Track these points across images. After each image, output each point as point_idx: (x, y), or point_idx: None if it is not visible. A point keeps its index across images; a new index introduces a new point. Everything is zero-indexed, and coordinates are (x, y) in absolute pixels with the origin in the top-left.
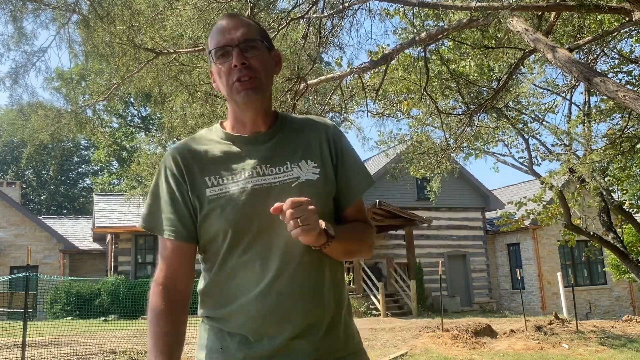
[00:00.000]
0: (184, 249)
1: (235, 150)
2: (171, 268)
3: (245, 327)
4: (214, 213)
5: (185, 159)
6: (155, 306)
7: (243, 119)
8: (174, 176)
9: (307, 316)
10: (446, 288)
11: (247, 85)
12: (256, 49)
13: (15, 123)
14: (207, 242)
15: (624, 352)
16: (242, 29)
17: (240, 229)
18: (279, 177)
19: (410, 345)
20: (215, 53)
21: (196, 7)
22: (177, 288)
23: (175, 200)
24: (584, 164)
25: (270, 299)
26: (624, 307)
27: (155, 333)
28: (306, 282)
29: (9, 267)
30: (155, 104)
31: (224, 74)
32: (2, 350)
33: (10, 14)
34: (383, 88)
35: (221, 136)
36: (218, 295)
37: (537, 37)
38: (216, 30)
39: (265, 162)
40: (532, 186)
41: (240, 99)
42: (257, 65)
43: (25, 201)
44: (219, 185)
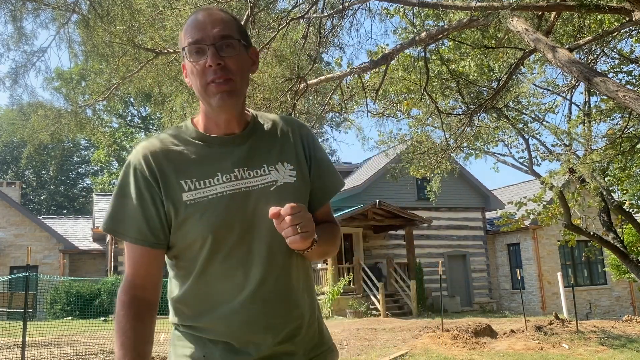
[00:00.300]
0: (152, 255)
1: (210, 152)
2: (139, 275)
3: (229, 335)
4: (192, 219)
5: (158, 160)
6: (124, 315)
7: (217, 121)
8: (144, 178)
9: (290, 320)
10: (446, 288)
11: (222, 87)
12: (232, 48)
13: (15, 123)
14: (183, 249)
15: (624, 352)
16: (219, 26)
17: (221, 236)
18: (257, 180)
19: (410, 345)
20: (189, 50)
21: (196, 7)
22: (145, 295)
23: (145, 204)
24: (584, 164)
25: (255, 307)
26: (624, 307)
27: (123, 341)
28: (287, 288)
29: (8, 267)
30: (155, 104)
31: (198, 73)
32: (2, 350)
33: (10, 14)
34: (383, 88)
35: (193, 136)
36: (197, 304)
37: (537, 37)
38: (191, 24)
39: (242, 165)
40: (532, 186)
41: (215, 102)
42: (233, 67)
43: (25, 201)
44: (196, 190)
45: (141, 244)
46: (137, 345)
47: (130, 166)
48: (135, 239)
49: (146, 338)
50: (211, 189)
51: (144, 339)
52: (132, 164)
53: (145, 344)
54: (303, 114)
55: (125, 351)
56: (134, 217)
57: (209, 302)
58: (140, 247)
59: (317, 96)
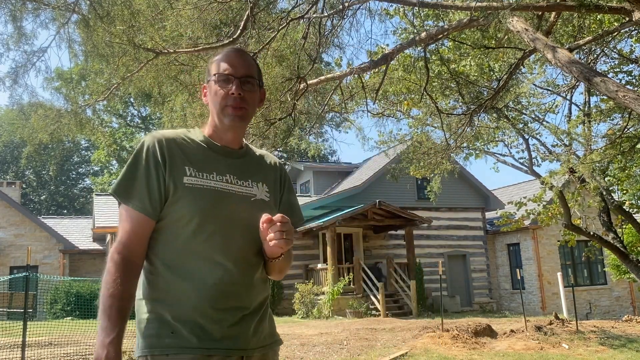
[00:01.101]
0: (147, 224)
1: (211, 154)
2: (132, 239)
3: (197, 310)
4: (187, 198)
5: (170, 146)
6: (114, 271)
7: (222, 136)
8: (154, 157)
9: (250, 305)
10: (446, 288)
11: (237, 112)
12: (251, 85)
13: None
14: (169, 223)
15: (624, 352)
16: (246, 66)
17: (207, 219)
18: (242, 189)
19: (410, 345)
20: (219, 77)
21: (196, 7)
22: (134, 259)
23: (151, 179)
24: (584, 164)
25: (226, 287)
26: (624, 307)
27: (110, 294)
28: (253, 279)
29: (9, 267)
30: (155, 104)
31: (220, 97)
32: (2, 350)
33: (10, 14)
34: (383, 88)
35: (200, 139)
36: (171, 277)
37: (537, 37)
38: (224, 57)
39: (234, 173)
40: (532, 186)
41: (228, 121)
42: (249, 99)
43: (25, 201)
44: (195, 177)
45: (142, 211)
46: (124, 298)
47: (144, 145)
48: (137, 206)
49: (131, 295)
50: (206, 181)
51: (129, 295)
52: (146, 144)
53: (130, 299)
54: (303, 114)
55: (114, 300)
56: (141, 188)
57: (185, 276)
58: (140, 215)
59: (317, 96)
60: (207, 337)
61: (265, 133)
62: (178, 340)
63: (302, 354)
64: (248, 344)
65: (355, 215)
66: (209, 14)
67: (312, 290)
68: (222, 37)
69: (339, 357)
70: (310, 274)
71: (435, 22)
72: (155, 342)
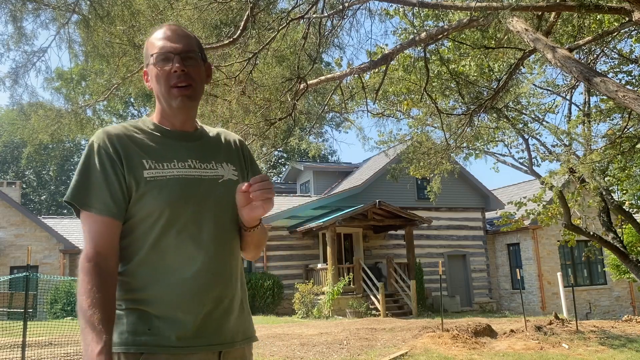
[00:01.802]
0: (114, 226)
1: (167, 142)
2: (102, 245)
3: (177, 305)
4: (151, 193)
5: (123, 141)
6: (88, 280)
7: (173, 120)
8: (108, 155)
9: (231, 295)
10: (446, 288)
11: (184, 92)
12: (194, 60)
13: (15, 123)
14: (138, 221)
15: (624, 352)
16: (184, 40)
17: (177, 211)
18: (207, 172)
19: (410, 345)
20: (157, 57)
21: (196, 7)
22: (108, 265)
23: (109, 179)
24: (584, 164)
25: (205, 279)
26: (624, 307)
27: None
28: (230, 267)
29: (9, 267)
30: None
31: (162, 78)
32: (2, 350)
33: (10, 14)
34: (383, 88)
35: (152, 128)
36: (148, 274)
37: (537, 37)
38: (158, 36)
39: (195, 157)
40: (532, 186)
41: (176, 104)
42: (194, 75)
43: (25, 201)
44: (155, 169)
45: (106, 214)
46: (105, 306)
47: (95, 145)
48: (100, 209)
49: (112, 302)
50: (168, 171)
51: (110, 303)
52: (96, 144)
53: (112, 307)
54: (303, 114)
55: (95, 310)
56: (99, 190)
57: (161, 272)
58: (104, 218)
59: (317, 96)
60: (186, 333)
61: (266, 133)
62: (155, 337)
63: (302, 354)
64: (228, 337)
65: (355, 215)
66: (209, 14)
67: (312, 290)
68: (222, 37)
69: (339, 357)
70: (310, 274)
71: (435, 22)
72: (131, 339)
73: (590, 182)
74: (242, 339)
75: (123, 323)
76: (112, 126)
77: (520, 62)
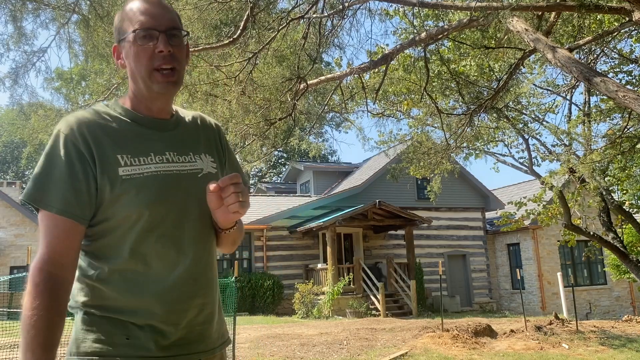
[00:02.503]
0: (75, 230)
1: (142, 131)
2: (58, 251)
3: (157, 315)
4: (128, 194)
5: (94, 132)
6: (36, 294)
7: (150, 105)
8: (77, 150)
9: (212, 301)
10: (446, 288)
11: (169, 77)
12: (178, 39)
13: (15, 123)
14: (113, 225)
15: (624, 352)
16: (168, 15)
17: (157, 213)
18: (186, 166)
19: (410, 345)
20: (140, 32)
21: (196, 7)
22: (62, 275)
23: (75, 176)
24: (584, 164)
25: (187, 286)
26: (624, 307)
27: (33, 323)
28: (210, 271)
29: (9, 267)
30: None
31: (144, 57)
32: (2, 350)
33: (10, 14)
34: (383, 88)
35: (124, 114)
36: (124, 282)
37: (537, 37)
38: (139, 10)
39: (172, 149)
40: (532, 186)
41: (158, 88)
42: (178, 56)
43: None
44: (132, 166)
45: (67, 216)
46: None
47: (61, 135)
48: (61, 210)
49: (59, 321)
50: (146, 167)
51: (57, 322)
52: (62, 133)
53: (58, 327)
54: (303, 114)
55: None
56: (62, 188)
57: (141, 281)
58: (65, 220)
59: (317, 96)
60: (166, 342)
61: (266, 133)
62: (134, 348)
63: (302, 354)
64: (209, 345)
65: (355, 215)
66: (209, 14)
67: (312, 290)
68: (222, 37)
69: (339, 357)
70: (310, 274)
71: (435, 22)
72: (106, 350)
73: (590, 182)
74: (220, 343)
75: (98, 330)
76: (81, 112)
77: (520, 62)
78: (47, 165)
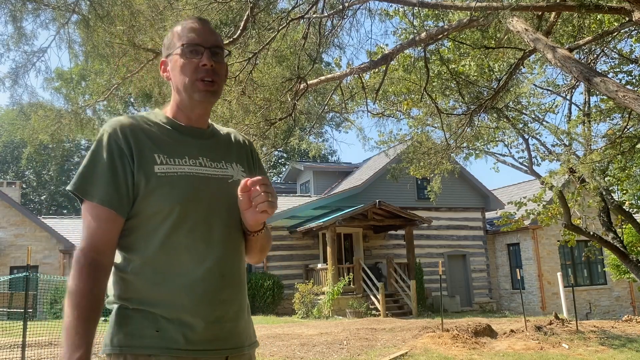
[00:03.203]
0: (116, 221)
1: (179, 136)
2: (99, 239)
3: (186, 307)
4: (161, 189)
5: (135, 133)
6: (79, 276)
7: (189, 114)
8: (119, 148)
9: (239, 299)
10: (446, 288)
11: (209, 87)
12: (220, 56)
13: (15, 123)
14: (145, 218)
15: (624, 352)
16: (214, 36)
17: (188, 209)
18: (217, 171)
19: (410, 345)
20: (187, 47)
21: (196, 7)
22: (103, 261)
23: (116, 171)
24: (584, 164)
25: (214, 280)
26: (624, 307)
27: (77, 303)
28: (238, 269)
29: (9, 267)
30: (156, 104)
31: (189, 69)
32: (2, 350)
33: (10, 14)
34: (383, 88)
35: (164, 121)
36: (154, 275)
37: (537, 37)
38: (188, 28)
39: (206, 155)
40: (532, 186)
41: (199, 97)
42: (219, 71)
43: (25, 201)
44: (167, 165)
45: (108, 206)
46: (92, 307)
47: (105, 135)
48: (104, 200)
49: (99, 302)
50: (180, 167)
51: (97, 303)
52: (107, 133)
53: (98, 307)
54: (303, 114)
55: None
56: (105, 181)
57: (170, 272)
58: (107, 211)
59: (317, 96)
60: (195, 337)
61: (266, 133)
62: (163, 340)
63: (302, 354)
64: (237, 342)
65: (355, 215)
66: (209, 14)
67: (312, 290)
68: (222, 37)
69: (339, 357)
70: (310, 274)
71: (435, 22)
72: (138, 341)
73: (590, 182)
74: (248, 344)
75: (130, 324)
76: (124, 116)
77: (520, 62)
78: (91, 161)
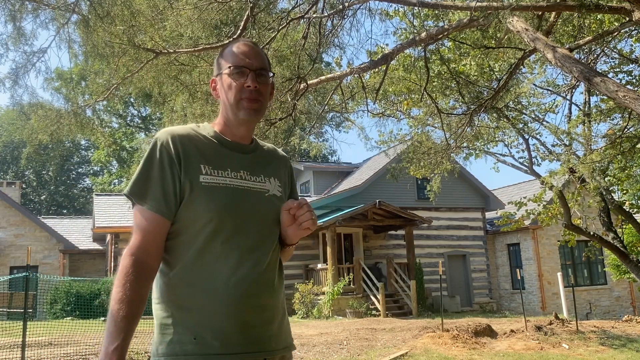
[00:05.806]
0: (162, 225)
1: (223, 150)
2: (147, 240)
3: (220, 312)
4: (203, 198)
5: (185, 143)
6: (125, 274)
7: (234, 131)
8: (169, 156)
9: (274, 304)
10: (446, 288)
11: (253, 105)
12: (265, 78)
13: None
14: (187, 224)
15: (624, 352)
16: (260, 59)
17: (224, 219)
18: (256, 184)
19: (410, 345)
20: (234, 69)
21: (196, 7)
22: (149, 261)
23: (165, 178)
24: (584, 164)
25: (249, 287)
26: (624, 307)
27: (119, 298)
28: (272, 276)
29: (9, 267)
30: (156, 104)
31: (235, 89)
32: (2, 350)
33: (9, 14)
34: (383, 88)
35: (212, 134)
36: (191, 281)
37: (537, 37)
38: (238, 50)
39: (246, 169)
40: (532, 186)
41: (243, 115)
42: (263, 92)
43: (25, 201)
44: (211, 175)
45: (157, 212)
46: (133, 303)
47: (158, 143)
48: (153, 206)
49: (142, 300)
50: (222, 179)
51: (140, 300)
52: (160, 141)
53: (140, 304)
54: (303, 114)
55: (121, 305)
56: (156, 188)
57: (206, 279)
58: (155, 216)
59: (317, 96)
60: (230, 341)
61: (266, 133)
62: (200, 346)
63: (302, 354)
64: (271, 345)
65: (355, 215)
66: (209, 14)
67: (312, 290)
68: (222, 37)
69: (339, 357)
70: (310, 274)
71: (435, 22)
72: (178, 349)
73: (590, 182)
74: (283, 347)
75: (171, 333)
76: (177, 127)
77: (520, 62)
78: (145, 167)
